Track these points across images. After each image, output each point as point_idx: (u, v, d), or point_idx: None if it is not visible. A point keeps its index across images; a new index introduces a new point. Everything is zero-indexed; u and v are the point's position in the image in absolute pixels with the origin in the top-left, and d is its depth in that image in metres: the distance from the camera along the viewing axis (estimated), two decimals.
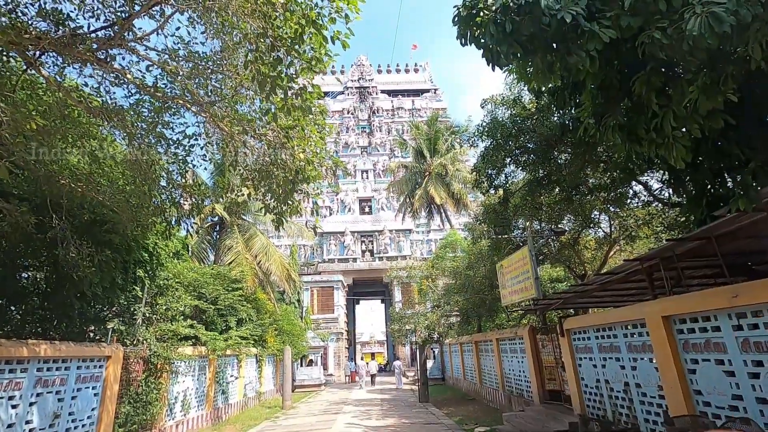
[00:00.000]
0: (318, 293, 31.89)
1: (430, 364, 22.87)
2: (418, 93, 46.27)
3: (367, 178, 38.27)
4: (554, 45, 3.81)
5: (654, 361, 5.70)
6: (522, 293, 9.54)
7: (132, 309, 9.29)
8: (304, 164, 4.36)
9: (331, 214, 36.57)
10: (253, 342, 15.00)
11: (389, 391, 20.71)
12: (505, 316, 16.70)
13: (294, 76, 3.76)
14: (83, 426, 6.97)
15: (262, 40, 3.57)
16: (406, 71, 49.26)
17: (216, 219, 18.66)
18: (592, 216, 11.37)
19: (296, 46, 3.58)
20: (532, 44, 3.71)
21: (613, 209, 11.12)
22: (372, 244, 34.81)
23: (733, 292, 4.27)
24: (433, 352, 23.97)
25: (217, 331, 12.93)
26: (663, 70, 3.94)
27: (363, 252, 34.63)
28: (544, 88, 6.93)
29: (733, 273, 4.45)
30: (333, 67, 48.74)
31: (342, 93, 45.51)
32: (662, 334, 5.40)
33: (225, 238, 17.24)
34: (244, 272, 14.79)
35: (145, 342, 9.06)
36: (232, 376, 13.99)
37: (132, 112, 5.35)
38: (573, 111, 6.46)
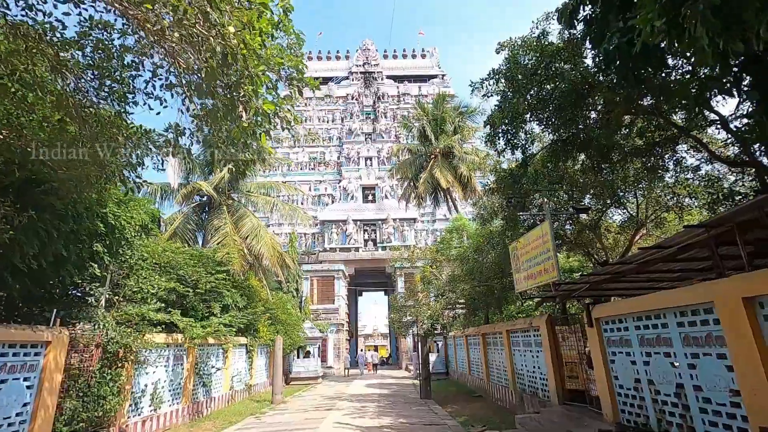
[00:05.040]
0: (318, 283, 30.70)
1: (433, 357, 21.65)
2: (425, 79, 44.61)
3: (371, 165, 36.83)
4: None
5: (726, 358, 4.34)
6: (540, 276, 8.17)
7: (89, 289, 8.07)
8: (237, 44, 2.97)
9: (333, 201, 35.27)
10: (238, 330, 13.77)
11: (389, 386, 19.48)
12: (515, 307, 15.33)
13: None
14: (9, 425, 5.75)
15: None
16: (413, 56, 47.51)
17: (204, 198, 17.40)
18: (619, 192, 9.86)
19: None
20: None
21: (644, 184, 9.66)
22: (375, 233, 33.43)
23: None
24: (437, 345, 22.72)
25: (199, 317, 11.71)
26: None
27: (365, 241, 33.27)
28: (579, 15, 5.53)
29: None
30: (338, 51, 47.31)
31: (346, 78, 44.09)
32: (741, 322, 4.04)
33: (213, 218, 15.98)
34: (230, 254, 13.52)
35: (103, 327, 7.83)
36: (215, 367, 12.80)
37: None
38: (617, 37, 5.00)
